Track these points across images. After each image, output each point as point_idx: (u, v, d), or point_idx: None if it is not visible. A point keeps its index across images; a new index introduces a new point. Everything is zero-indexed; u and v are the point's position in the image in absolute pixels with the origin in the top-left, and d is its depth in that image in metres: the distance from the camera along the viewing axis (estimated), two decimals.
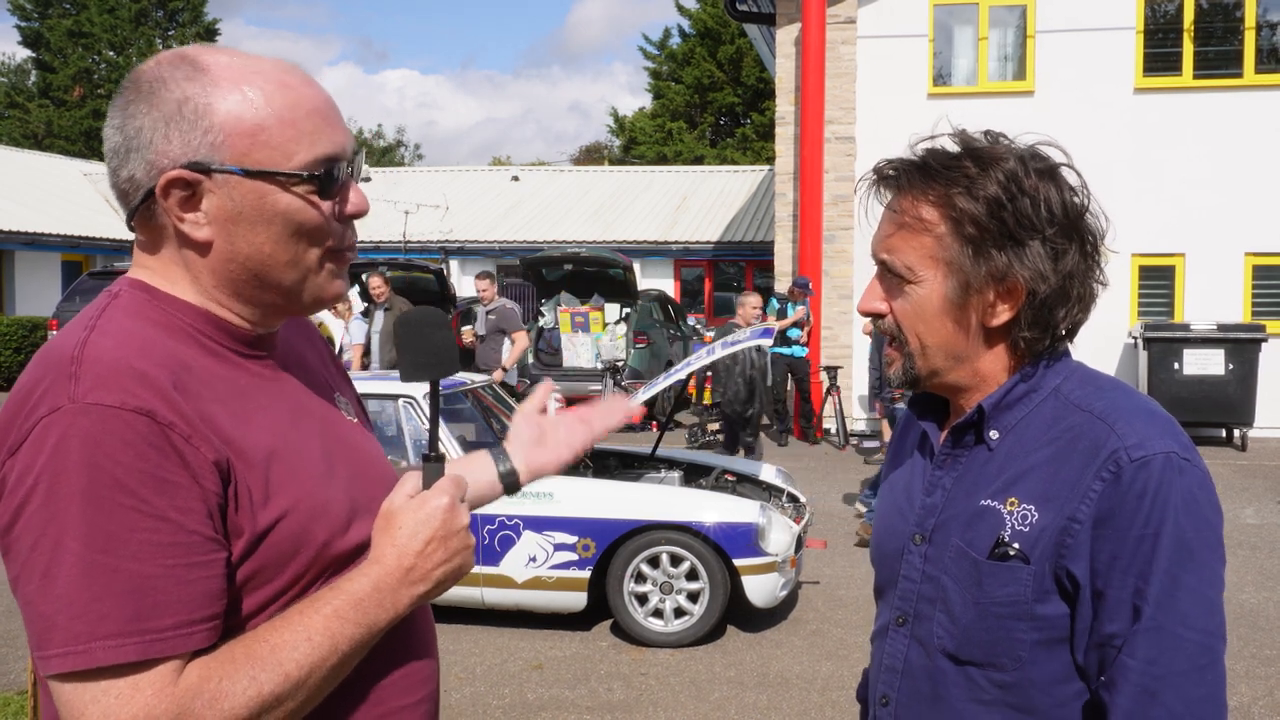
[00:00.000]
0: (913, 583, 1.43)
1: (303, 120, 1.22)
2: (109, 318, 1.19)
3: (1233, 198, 13.25)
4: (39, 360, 1.16)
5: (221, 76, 1.20)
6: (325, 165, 1.23)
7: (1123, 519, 1.26)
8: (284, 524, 1.18)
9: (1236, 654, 5.56)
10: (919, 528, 1.44)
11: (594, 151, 44.86)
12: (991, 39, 13.94)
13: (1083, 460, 1.30)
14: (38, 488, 1.08)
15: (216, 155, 1.19)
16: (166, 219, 1.22)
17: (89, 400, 1.09)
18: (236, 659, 1.11)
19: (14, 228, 20.39)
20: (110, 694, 1.07)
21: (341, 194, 1.26)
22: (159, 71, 1.21)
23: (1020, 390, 1.39)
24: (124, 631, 1.06)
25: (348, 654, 1.17)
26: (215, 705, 1.08)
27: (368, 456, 1.38)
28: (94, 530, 1.06)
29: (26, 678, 4.17)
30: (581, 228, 22.73)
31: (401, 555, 1.21)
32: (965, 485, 1.40)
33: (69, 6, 37.36)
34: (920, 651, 1.41)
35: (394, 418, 6.01)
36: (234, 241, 1.22)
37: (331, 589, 1.19)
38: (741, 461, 7.13)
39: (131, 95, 1.21)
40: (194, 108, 1.19)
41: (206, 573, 1.12)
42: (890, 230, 1.39)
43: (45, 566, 1.07)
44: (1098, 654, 1.29)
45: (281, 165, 1.20)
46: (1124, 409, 1.33)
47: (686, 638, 5.69)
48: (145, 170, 1.20)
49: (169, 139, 1.19)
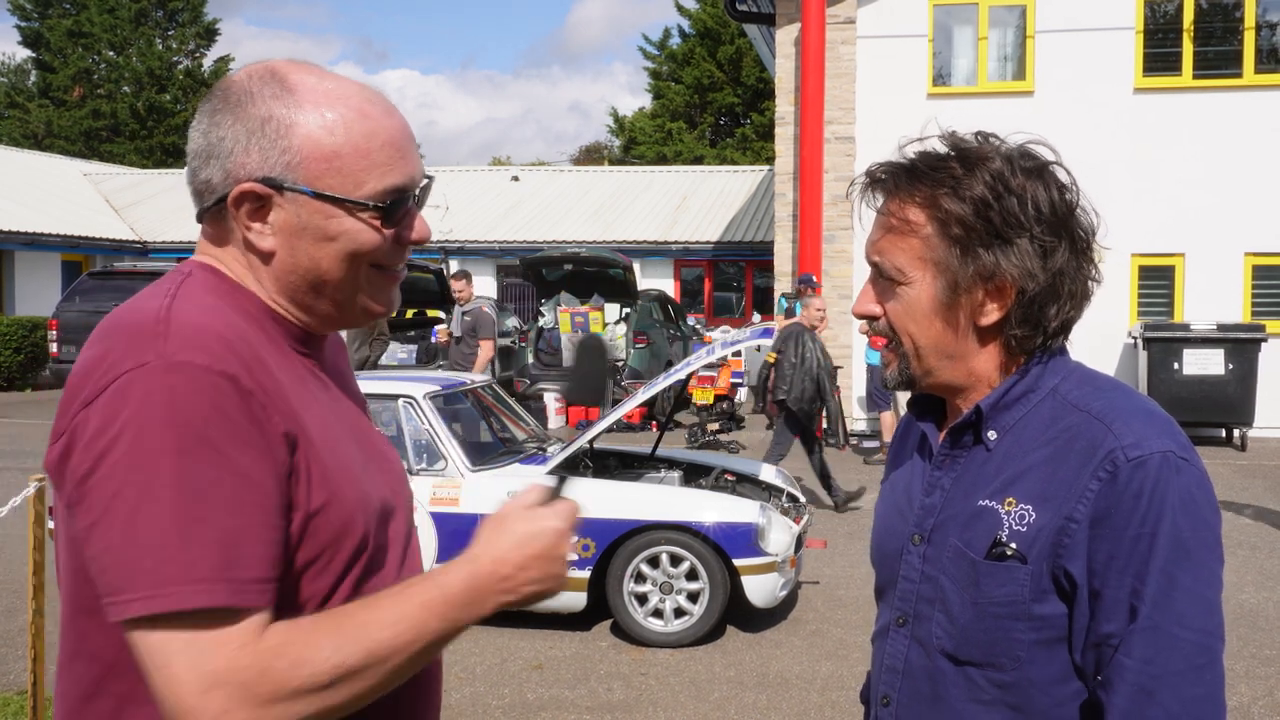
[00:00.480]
0: (912, 583, 1.44)
1: (377, 151, 1.27)
2: (188, 290, 1.24)
3: (1232, 197, 13.26)
4: (112, 327, 1.19)
5: (306, 99, 1.26)
6: (392, 196, 1.28)
7: (1119, 518, 1.27)
8: (332, 508, 1.21)
9: (1236, 654, 5.56)
10: (918, 528, 1.44)
11: (594, 151, 44.86)
12: (991, 39, 13.95)
13: (1080, 460, 1.30)
14: (122, 436, 1.10)
15: (290, 174, 1.24)
16: (235, 225, 1.27)
17: (179, 358, 1.12)
18: (323, 629, 1.14)
19: (14, 228, 20.39)
20: (197, 644, 1.08)
21: (405, 222, 1.31)
22: (248, 85, 1.27)
23: (1018, 390, 1.39)
24: (214, 578, 1.09)
25: (429, 646, 1.19)
26: (297, 668, 1.10)
27: (393, 464, 1.42)
28: (185, 480, 1.09)
29: (26, 678, 4.17)
30: (581, 228, 22.74)
31: (499, 562, 1.23)
32: (963, 486, 1.41)
33: (69, 6, 37.35)
34: (920, 652, 1.42)
35: (394, 418, 6.01)
36: (295, 254, 1.27)
37: (426, 580, 1.21)
38: (741, 461, 7.13)
39: (219, 104, 1.27)
40: (276, 126, 1.24)
41: (278, 535, 1.15)
42: (880, 234, 1.41)
43: (130, 513, 1.09)
44: (1095, 653, 1.29)
45: (350, 192, 1.25)
46: (1121, 409, 1.33)
47: (686, 638, 5.69)
48: (222, 177, 1.26)
49: (249, 152, 1.24)
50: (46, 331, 17.08)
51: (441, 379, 6.70)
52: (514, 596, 1.24)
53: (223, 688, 1.08)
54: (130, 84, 37.42)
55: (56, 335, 15.39)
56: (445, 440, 5.89)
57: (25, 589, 4.12)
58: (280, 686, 1.09)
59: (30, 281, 21.53)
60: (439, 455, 5.87)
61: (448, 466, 5.84)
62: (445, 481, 5.80)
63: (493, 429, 6.84)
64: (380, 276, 1.32)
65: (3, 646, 5.62)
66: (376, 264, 1.30)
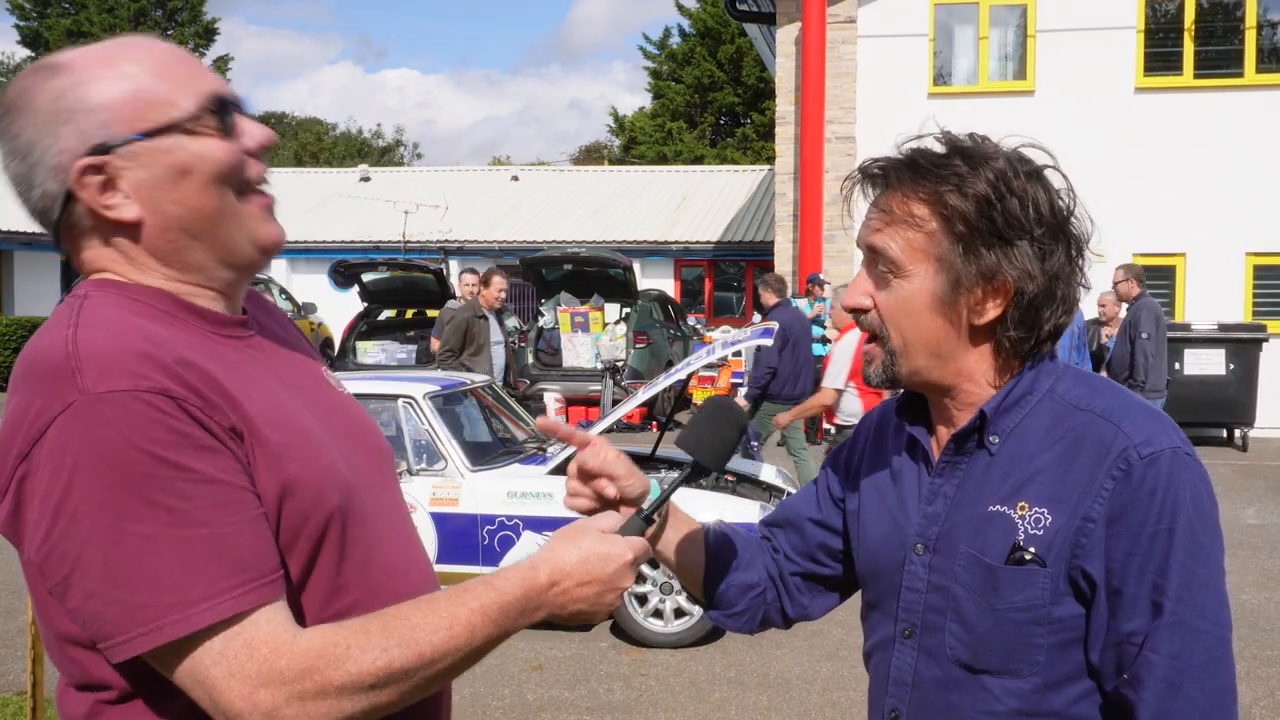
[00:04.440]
0: (917, 593, 1.41)
1: (175, 68, 1.23)
2: (89, 313, 1.19)
3: (1233, 197, 13.25)
4: (26, 370, 1.15)
5: (79, 63, 1.22)
6: (214, 101, 1.23)
7: (1136, 516, 1.27)
8: (294, 488, 1.19)
9: (1237, 654, 5.51)
10: (920, 537, 1.41)
11: (594, 151, 44.85)
12: (992, 38, 13.95)
13: (1091, 459, 1.30)
14: (75, 482, 1.07)
15: (111, 131, 1.19)
16: (90, 213, 1.21)
17: (102, 389, 1.09)
18: (371, 630, 1.13)
19: (13, 228, 20.38)
20: (227, 655, 1.08)
21: (242, 129, 1.27)
22: (21, 84, 1.22)
23: (1017, 393, 1.38)
24: (213, 593, 1.08)
25: (478, 650, 1.18)
26: (340, 667, 1.10)
27: (360, 423, 1.39)
28: (154, 508, 1.07)
29: (26, 679, 4.17)
30: (581, 228, 22.73)
31: (560, 573, 1.22)
32: (968, 492, 1.38)
33: (68, 6, 37.37)
34: (930, 663, 1.39)
35: (394, 418, 6.00)
36: (161, 208, 1.22)
37: (482, 583, 1.20)
38: (741, 461, 7.13)
39: (8, 118, 1.22)
40: (70, 100, 1.19)
41: (264, 526, 1.14)
42: (880, 225, 1.38)
43: (107, 555, 1.07)
44: (1115, 652, 1.30)
45: (174, 115, 1.21)
46: (1126, 407, 1.34)
47: (686, 638, 5.68)
48: (54, 177, 1.20)
49: (61, 138, 1.19)
50: None
51: (441, 379, 6.70)
52: (559, 611, 1.24)
53: (267, 687, 1.08)
54: None
55: None
56: (445, 440, 5.89)
57: (25, 589, 4.11)
58: (325, 684, 1.09)
59: (30, 281, 21.53)
60: (439, 455, 5.87)
61: (447, 467, 5.83)
62: (445, 482, 5.79)
63: (493, 429, 6.83)
64: (250, 203, 1.26)
65: (2, 647, 5.62)
66: (240, 187, 1.25)
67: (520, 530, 5.69)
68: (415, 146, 57.86)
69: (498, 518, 5.70)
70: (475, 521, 5.72)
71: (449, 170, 28.73)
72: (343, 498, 1.23)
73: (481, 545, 5.71)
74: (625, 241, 21.37)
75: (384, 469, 1.40)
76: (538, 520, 5.66)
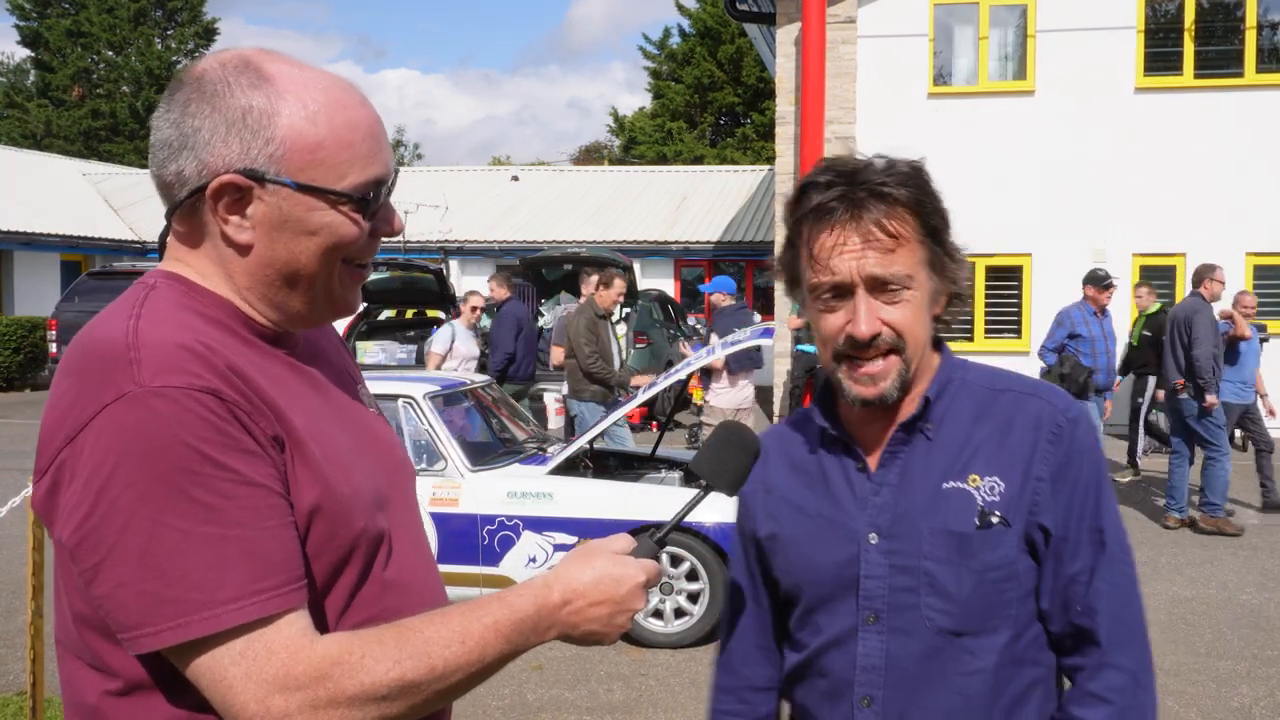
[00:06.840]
0: (878, 580, 1.47)
1: (359, 143, 1.25)
2: (153, 306, 1.21)
3: (1234, 197, 13.25)
4: (83, 351, 1.17)
5: (286, 89, 1.22)
6: (373, 188, 1.26)
7: (1073, 470, 1.46)
8: (325, 505, 1.20)
9: (1237, 654, 5.55)
10: (872, 526, 1.48)
11: (594, 151, 44.84)
12: (992, 38, 13.94)
13: (1026, 428, 1.47)
14: (119, 470, 1.08)
15: (273, 166, 1.20)
16: (210, 218, 1.23)
17: (157, 384, 1.10)
18: (385, 641, 1.14)
19: (13, 228, 20.38)
20: (247, 656, 1.09)
21: (382, 215, 1.30)
22: (223, 74, 1.22)
23: (943, 379, 1.52)
24: (242, 594, 1.09)
25: (489, 666, 1.19)
26: (354, 676, 1.11)
27: (388, 446, 1.41)
28: (193, 504, 1.09)
29: (26, 678, 4.16)
30: (581, 228, 22.73)
31: (573, 593, 1.23)
32: (914, 476, 1.48)
33: (68, 6, 37.35)
34: (905, 640, 1.45)
35: (394, 418, 6.00)
36: (273, 248, 1.24)
37: (497, 600, 1.21)
38: None
39: (192, 93, 1.22)
40: (258, 117, 1.20)
41: (295, 534, 1.16)
42: (869, 251, 1.41)
43: (143, 546, 1.08)
44: (1063, 593, 1.45)
45: (334, 184, 1.23)
46: (1038, 384, 1.53)
47: (687, 638, 5.68)
48: (197, 169, 1.21)
49: (228, 144, 1.20)
50: (46, 331, 17.09)
51: (441, 379, 6.70)
52: (571, 631, 1.24)
53: (281, 693, 1.09)
54: (129, 84, 37.43)
55: (56, 335, 15.39)
56: (445, 440, 5.88)
57: (25, 589, 4.11)
58: (338, 693, 1.10)
59: (29, 281, 21.53)
60: (439, 455, 5.87)
61: (447, 467, 5.83)
62: (445, 482, 5.79)
63: (493, 429, 6.83)
64: (350, 272, 1.30)
65: (3, 647, 5.62)
66: (349, 259, 1.28)
67: (520, 530, 5.69)
68: (415, 146, 57.89)
69: (498, 518, 5.70)
70: (475, 521, 5.72)
71: (449, 170, 28.73)
72: (368, 521, 1.24)
73: (481, 545, 5.70)
74: (625, 241, 21.37)
75: (407, 491, 1.41)
76: (537, 520, 5.66)
